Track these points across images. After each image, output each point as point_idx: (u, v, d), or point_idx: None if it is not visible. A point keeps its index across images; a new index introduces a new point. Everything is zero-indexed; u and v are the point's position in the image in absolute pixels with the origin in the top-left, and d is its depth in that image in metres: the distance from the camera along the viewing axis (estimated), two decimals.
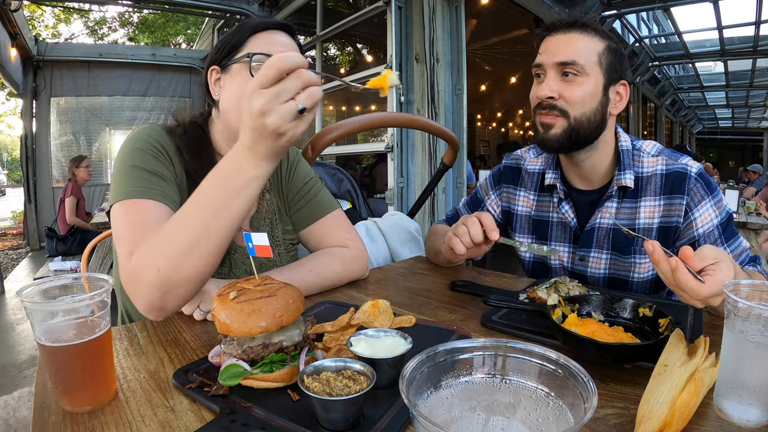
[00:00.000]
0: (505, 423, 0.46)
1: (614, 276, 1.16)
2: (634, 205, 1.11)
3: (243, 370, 0.61)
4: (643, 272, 1.13)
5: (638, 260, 1.12)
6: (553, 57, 1.06)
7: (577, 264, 1.19)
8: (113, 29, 12.21)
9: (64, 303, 0.59)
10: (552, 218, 1.23)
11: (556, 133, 1.06)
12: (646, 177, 1.10)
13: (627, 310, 0.79)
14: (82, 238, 4.87)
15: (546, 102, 1.06)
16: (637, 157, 1.12)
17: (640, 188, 1.10)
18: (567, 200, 1.18)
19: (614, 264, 1.15)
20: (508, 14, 5.90)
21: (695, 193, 1.06)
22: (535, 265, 1.30)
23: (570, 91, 1.05)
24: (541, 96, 1.07)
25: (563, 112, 1.05)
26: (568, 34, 1.06)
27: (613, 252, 1.14)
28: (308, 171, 1.21)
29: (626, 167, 1.10)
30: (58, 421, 0.56)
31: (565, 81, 1.05)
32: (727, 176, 11.50)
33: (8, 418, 1.85)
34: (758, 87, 10.27)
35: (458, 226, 1.05)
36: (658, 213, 1.09)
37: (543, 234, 1.24)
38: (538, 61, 1.09)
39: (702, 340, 0.64)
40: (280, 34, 0.99)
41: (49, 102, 7.08)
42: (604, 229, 1.14)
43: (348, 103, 7.75)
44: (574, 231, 1.18)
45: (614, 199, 1.12)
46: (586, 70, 1.04)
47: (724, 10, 5.89)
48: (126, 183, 0.88)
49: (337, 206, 1.20)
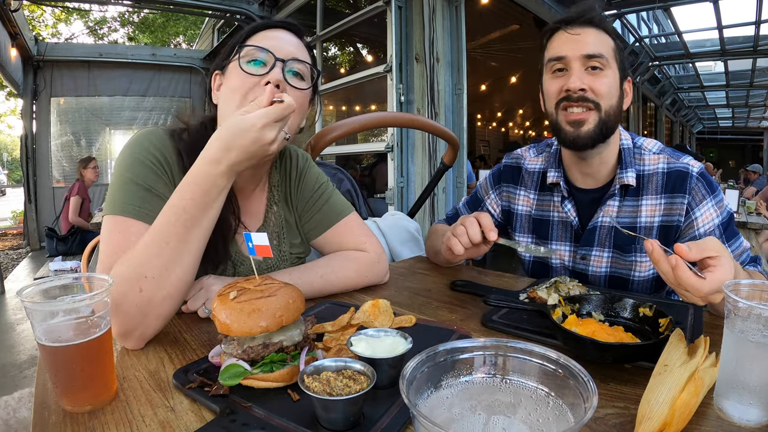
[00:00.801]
0: (505, 423, 0.46)
1: (615, 275, 1.16)
2: (635, 204, 1.11)
3: (243, 370, 0.61)
4: (644, 271, 1.13)
5: (639, 259, 1.12)
6: (580, 50, 1.03)
7: (578, 263, 1.19)
8: (113, 29, 12.22)
9: (64, 303, 0.59)
10: (553, 217, 1.22)
11: (589, 129, 1.04)
12: (647, 175, 1.10)
13: (627, 309, 0.79)
14: (82, 238, 4.88)
15: (577, 94, 1.04)
16: (638, 155, 1.12)
17: (642, 186, 1.10)
18: (569, 199, 1.18)
19: (615, 262, 1.15)
20: (508, 14, 5.90)
21: (696, 193, 1.06)
22: (535, 265, 1.30)
23: (599, 84, 1.04)
24: (574, 88, 1.03)
25: (596, 105, 1.04)
26: (586, 29, 1.05)
27: (614, 250, 1.14)
28: (318, 177, 1.15)
29: (628, 165, 1.10)
30: (58, 421, 0.56)
31: (592, 74, 1.04)
32: (727, 176, 11.49)
33: (8, 419, 1.85)
34: (758, 87, 10.27)
35: (456, 226, 1.04)
36: (659, 212, 1.09)
37: (544, 233, 1.24)
38: (561, 53, 1.05)
39: (702, 340, 0.64)
40: (281, 31, 0.96)
41: (50, 102, 7.09)
42: (606, 228, 1.14)
43: (348, 103, 7.75)
44: (576, 230, 1.18)
45: (616, 197, 1.12)
46: (609, 63, 1.04)
47: (724, 9, 5.89)
48: (120, 197, 0.85)
49: (350, 210, 1.15)
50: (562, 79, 1.06)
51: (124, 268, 0.76)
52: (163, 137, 0.94)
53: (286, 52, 0.91)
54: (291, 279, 0.95)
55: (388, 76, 3.65)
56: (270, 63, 0.90)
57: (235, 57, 0.92)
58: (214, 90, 0.99)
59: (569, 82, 1.04)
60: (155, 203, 0.86)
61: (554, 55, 1.07)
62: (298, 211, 1.13)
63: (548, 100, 1.11)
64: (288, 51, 0.92)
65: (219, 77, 0.98)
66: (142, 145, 0.90)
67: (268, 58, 0.90)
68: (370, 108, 7.09)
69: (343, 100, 7.63)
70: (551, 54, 1.08)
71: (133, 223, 0.84)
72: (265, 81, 0.88)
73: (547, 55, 1.10)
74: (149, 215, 0.85)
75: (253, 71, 0.89)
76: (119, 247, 0.82)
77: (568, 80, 1.04)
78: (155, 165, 0.89)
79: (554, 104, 1.08)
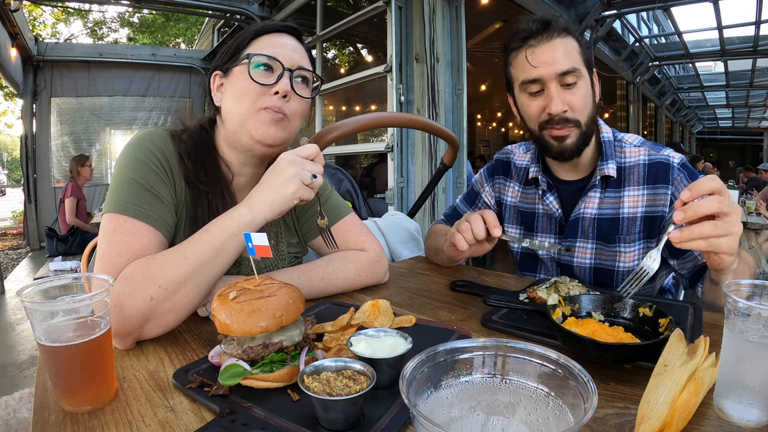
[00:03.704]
0: (505, 423, 0.46)
1: (600, 266, 1.18)
2: (617, 195, 1.13)
3: (243, 370, 0.61)
4: (628, 261, 1.14)
5: (623, 249, 1.14)
6: (552, 68, 1.03)
7: (563, 255, 1.22)
8: (113, 30, 12.21)
9: (64, 303, 0.59)
10: (538, 210, 1.26)
11: (572, 142, 1.07)
12: (628, 167, 1.13)
13: (627, 310, 0.79)
14: (82, 238, 4.88)
15: (560, 116, 1.05)
16: (618, 148, 1.15)
17: (623, 178, 1.13)
18: (551, 192, 1.21)
19: (599, 254, 1.17)
20: (507, 14, 5.90)
21: (679, 183, 1.08)
22: (524, 257, 1.34)
23: (576, 100, 1.05)
24: (556, 112, 1.05)
25: (576, 123, 1.06)
26: (552, 41, 1.04)
27: (598, 241, 1.16)
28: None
29: (608, 157, 1.13)
30: (58, 421, 0.56)
31: (568, 90, 1.05)
32: (727, 176, 11.49)
33: (9, 419, 1.85)
34: (758, 87, 10.26)
35: (461, 222, 1.06)
36: (641, 203, 1.11)
37: (530, 225, 1.28)
38: (536, 75, 1.05)
39: (702, 340, 0.64)
40: (284, 36, 0.98)
41: (50, 102, 7.09)
42: (588, 219, 1.16)
43: (348, 103, 7.75)
44: (560, 222, 1.21)
45: (597, 189, 1.14)
46: (581, 72, 1.05)
47: (724, 10, 5.89)
48: (122, 196, 0.86)
49: (349, 210, 1.16)
50: (540, 100, 1.08)
51: (139, 272, 0.77)
52: (165, 138, 0.95)
53: (292, 61, 0.95)
54: (291, 279, 0.95)
55: (388, 76, 3.64)
56: (278, 71, 0.93)
57: (243, 62, 0.94)
58: (214, 90, 1.00)
59: (551, 107, 1.05)
60: (155, 204, 0.87)
61: (529, 77, 1.07)
62: (297, 213, 1.14)
63: (529, 120, 1.13)
64: (294, 60, 0.96)
65: (219, 78, 0.99)
66: (144, 146, 0.91)
67: (276, 66, 0.94)
68: (370, 108, 7.09)
69: (343, 100, 7.64)
70: (525, 76, 1.07)
71: (134, 223, 0.84)
72: (274, 91, 0.92)
73: (519, 76, 1.09)
74: (149, 215, 0.86)
75: (263, 80, 0.92)
76: (119, 246, 0.82)
77: (548, 102, 1.06)
78: (156, 166, 0.90)
79: (537, 125, 1.11)
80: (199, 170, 0.95)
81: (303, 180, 0.85)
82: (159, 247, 0.86)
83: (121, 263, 0.80)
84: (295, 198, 0.85)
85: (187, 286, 0.79)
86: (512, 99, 1.18)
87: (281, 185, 0.84)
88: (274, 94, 0.92)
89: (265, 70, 0.93)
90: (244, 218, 0.83)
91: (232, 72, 0.95)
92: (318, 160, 0.88)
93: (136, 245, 0.82)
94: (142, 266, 0.78)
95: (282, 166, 0.85)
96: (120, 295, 0.75)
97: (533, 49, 1.05)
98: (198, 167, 0.95)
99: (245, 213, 0.83)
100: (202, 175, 0.94)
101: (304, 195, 0.86)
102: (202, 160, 0.97)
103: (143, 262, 0.79)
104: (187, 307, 0.81)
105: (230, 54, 0.97)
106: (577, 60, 1.05)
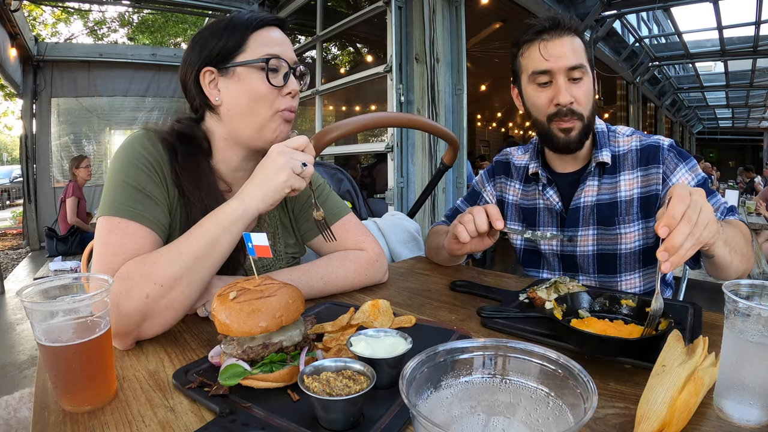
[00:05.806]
0: (505, 423, 0.46)
1: (603, 251, 1.20)
2: (613, 180, 1.18)
3: (243, 370, 0.61)
4: (630, 242, 1.17)
5: (624, 230, 1.16)
6: (563, 62, 1.09)
7: (566, 246, 1.23)
8: (113, 30, 12.20)
9: (64, 303, 0.59)
10: (538, 205, 1.28)
11: (576, 134, 1.13)
12: (622, 154, 1.19)
13: (623, 305, 0.82)
14: (82, 238, 4.88)
15: (567, 108, 1.10)
16: (612, 138, 1.21)
17: (618, 164, 1.18)
18: (551, 185, 1.24)
19: (601, 239, 1.19)
20: (507, 14, 5.90)
21: (670, 162, 1.13)
22: (526, 253, 1.35)
23: (581, 94, 1.11)
24: (564, 102, 1.10)
25: (580, 116, 1.12)
26: (563, 38, 1.11)
27: (599, 227, 1.19)
28: (315, 178, 1.14)
29: (603, 146, 1.18)
30: (58, 421, 0.56)
31: (574, 84, 1.11)
32: (727, 176, 11.49)
33: (9, 419, 1.85)
34: (758, 87, 10.26)
35: (464, 215, 1.08)
36: (637, 184, 1.16)
37: (531, 220, 1.30)
38: (546, 67, 1.11)
39: (701, 340, 0.64)
40: (276, 30, 0.97)
41: (50, 102, 7.08)
42: (588, 207, 1.19)
43: (348, 103, 7.75)
44: (560, 214, 1.23)
45: (594, 177, 1.19)
46: (586, 69, 1.11)
47: (724, 10, 5.89)
48: (116, 199, 0.86)
49: (347, 210, 1.16)
50: (549, 92, 1.13)
51: (135, 271, 0.77)
52: (155, 140, 0.93)
53: (293, 59, 0.97)
54: (291, 279, 0.95)
55: (388, 77, 3.64)
56: (283, 70, 0.95)
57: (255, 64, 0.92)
58: (205, 86, 0.94)
59: (560, 97, 1.10)
60: (148, 204, 0.87)
61: (540, 68, 1.12)
62: (294, 213, 1.14)
63: (536, 111, 1.17)
64: (293, 56, 0.97)
65: (211, 74, 0.94)
66: (135, 149, 0.91)
67: (281, 66, 0.95)
68: (370, 108, 7.09)
69: (343, 100, 7.63)
70: (535, 67, 1.13)
71: (128, 224, 0.84)
72: (286, 91, 0.95)
73: (530, 67, 1.14)
74: (143, 216, 0.86)
75: (279, 83, 0.94)
76: (115, 246, 0.82)
77: (556, 94, 1.11)
78: (147, 168, 0.90)
79: (545, 116, 1.15)
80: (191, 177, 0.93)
81: (293, 169, 0.84)
82: (154, 247, 0.85)
83: (117, 263, 0.80)
84: (287, 186, 0.85)
85: (182, 282, 0.79)
86: (517, 91, 1.23)
87: (272, 175, 0.84)
88: (286, 95, 0.95)
89: (275, 72, 0.94)
90: (235, 211, 0.83)
91: (235, 72, 0.92)
92: (308, 150, 0.88)
93: (132, 245, 0.83)
94: (137, 265, 0.78)
95: (273, 157, 0.85)
96: (117, 294, 0.75)
97: (546, 42, 1.11)
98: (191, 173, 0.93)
99: (237, 206, 0.83)
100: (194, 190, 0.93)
101: (296, 184, 0.85)
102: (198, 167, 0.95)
103: (139, 261, 0.79)
104: (184, 303, 0.80)
105: (226, 50, 0.92)
106: (583, 57, 1.11)
